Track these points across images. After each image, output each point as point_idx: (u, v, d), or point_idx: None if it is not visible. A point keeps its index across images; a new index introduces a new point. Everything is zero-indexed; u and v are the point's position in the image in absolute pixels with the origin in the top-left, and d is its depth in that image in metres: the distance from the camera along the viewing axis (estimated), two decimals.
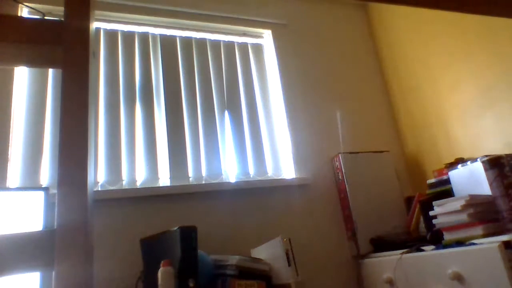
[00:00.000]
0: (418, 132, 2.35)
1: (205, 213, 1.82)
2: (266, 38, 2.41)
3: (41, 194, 1.36)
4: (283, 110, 2.23)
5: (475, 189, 1.55)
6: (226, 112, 2.11)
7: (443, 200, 1.58)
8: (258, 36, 2.39)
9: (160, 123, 1.95)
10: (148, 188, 1.77)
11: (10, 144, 1.62)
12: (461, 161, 1.80)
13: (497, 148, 1.82)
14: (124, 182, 1.77)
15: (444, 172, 1.85)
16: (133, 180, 1.79)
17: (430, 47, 2.24)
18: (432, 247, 1.56)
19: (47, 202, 1.35)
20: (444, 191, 1.77)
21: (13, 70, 1.72)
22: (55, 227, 0.42)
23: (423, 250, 1.59)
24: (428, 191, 1.90)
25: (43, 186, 1.60)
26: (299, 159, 2.14)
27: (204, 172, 1.93)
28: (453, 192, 1.70)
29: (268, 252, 1.63)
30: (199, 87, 2.09)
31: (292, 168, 2.12)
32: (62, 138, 0.47)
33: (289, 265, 1.51)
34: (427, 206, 1.70)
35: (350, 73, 2.53)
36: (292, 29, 2.46)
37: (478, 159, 1.57)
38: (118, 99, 1.90)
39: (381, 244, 1.90)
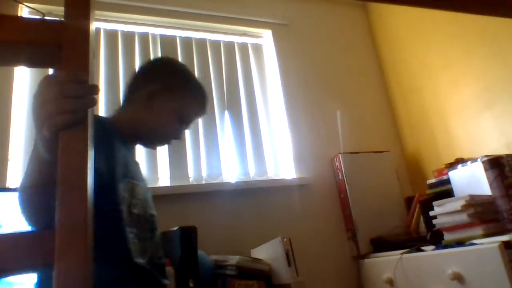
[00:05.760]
0: (418, 132, 2.35)
1: (205, 213, 1.81)
2: (266, 38, 2.41)
3: None
4: (283, 110, 2.23)
5: (475, 189, 1.55)
6: (226, 112, 2.10)
7: (443, 200, 1.58)
8: (258, 36, 2.39)
9: None
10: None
11: (10, 144, 1.62)
12: (461, 161, 1.80)
13: (497, 148, 1.82)
14: None
15: (444, 172, 1.85)
16: None
17: (430, 47, 2.24)
18: (432, 247, 1.56)
19: None
20: (444, 191, 1.77)
21: (13, 70, 1.72)
22: (55, 227, 0.42)
23: (423, 250, 1.59)
24: (428, 191, 1.90)
25: None
26: (299, 159, 2.14)
27: (204, 172, 1.93)
28: (453, 192, 1.70)
29: (268, 252, 1.63)
30: None
31: (292, 168, 2.12)
32: (62, 138, 0.47)
33: (289, 265, 1.51)
34: (427, 206, 1.70)
35: (350, 73, 2.52)
36: (292, 29, 2.46)
37: (478, 159, 1.57)
38: (118, 99, 1.89)
39: (381, 244, 1.90)
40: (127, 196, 0.94)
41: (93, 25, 0.56)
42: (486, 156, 1.56)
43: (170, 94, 1.08)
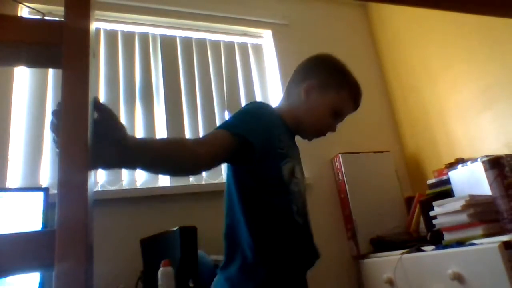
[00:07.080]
0: (418, 132, 2.35)
1: (205, 213, 1.81)
2: (266, 38, 2.41)
3: (41, 194, 1.36)
4: None
5: (475, 189, 1.55)
6: (226, 112, 2.10)
7: (443, 200, 1.58)
8: (258, 36, 2.39)
9: (160, 123, 1.95)
10: (148, 188, 1.77)
11: (10, 144, 1.62)
12: (461, 161, 1.80)
13: (497, 148, 1.82)
14: (124, 182, 1.77)
15: (444, 172, 1.85)
16: (133, 180, 1.79)
17: (430, 47, 2.24)
18: (432, 247, 1.56)
19: (47, 202, 1.35)
20: (444, 191, 1.77)
21: (13, 70, 1.72)
22: (55, 227, 0.42)
23: (423, 250, 1.59)
24: (428, 191, 1.90)
25: (43, 186, 1.60)
26: None
27: (204, 172, 1.93)
28: (453, 192, 1.70)
29: None
30: (199, 87, 2.09)
31: None
32: (62, 138, 0.47)
33: None
34: (427, 206, 1.70)
35: None
36: (293, 29, 2.46)
37: (478, 159, 1.57)
38: (118, 99, 1.89)
39: (381, 244, 1.90)
40: (287, 174, 1.03)
41: (93, 25, 0.56)
42: (486, 156, 1.56)
43: (326, 90, 1.14)
